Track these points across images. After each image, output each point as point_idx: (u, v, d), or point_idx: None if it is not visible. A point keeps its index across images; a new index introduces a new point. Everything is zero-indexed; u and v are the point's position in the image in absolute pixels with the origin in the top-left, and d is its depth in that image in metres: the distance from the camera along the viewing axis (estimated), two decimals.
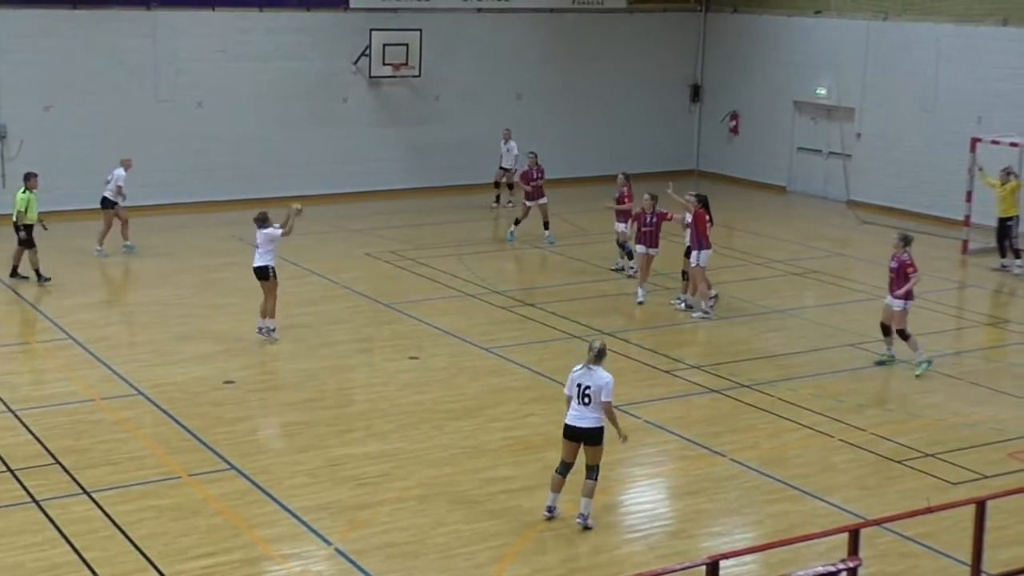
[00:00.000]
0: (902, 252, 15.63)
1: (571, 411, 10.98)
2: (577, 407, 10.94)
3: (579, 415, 10.92)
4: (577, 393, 10.93)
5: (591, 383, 10.86)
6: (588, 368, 10.92)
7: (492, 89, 27.96)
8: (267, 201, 25.49)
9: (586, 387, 10.88)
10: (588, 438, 10.96)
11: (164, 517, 11.17)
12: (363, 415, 13.99)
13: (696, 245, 17.81)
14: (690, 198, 18.03)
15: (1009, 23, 23.85)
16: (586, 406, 10.89)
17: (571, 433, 11.00)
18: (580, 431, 10.92)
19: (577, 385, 10.93)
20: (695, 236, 17.83)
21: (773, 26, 28.48)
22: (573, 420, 10.96)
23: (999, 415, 14.19)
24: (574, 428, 10.95)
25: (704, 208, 17.88)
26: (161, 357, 15.89)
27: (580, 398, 10.92)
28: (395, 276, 20.44)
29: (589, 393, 10.86)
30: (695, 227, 17.82)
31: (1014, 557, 10.36)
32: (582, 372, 10.94)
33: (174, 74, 24.94)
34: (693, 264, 17.90)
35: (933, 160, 24.97)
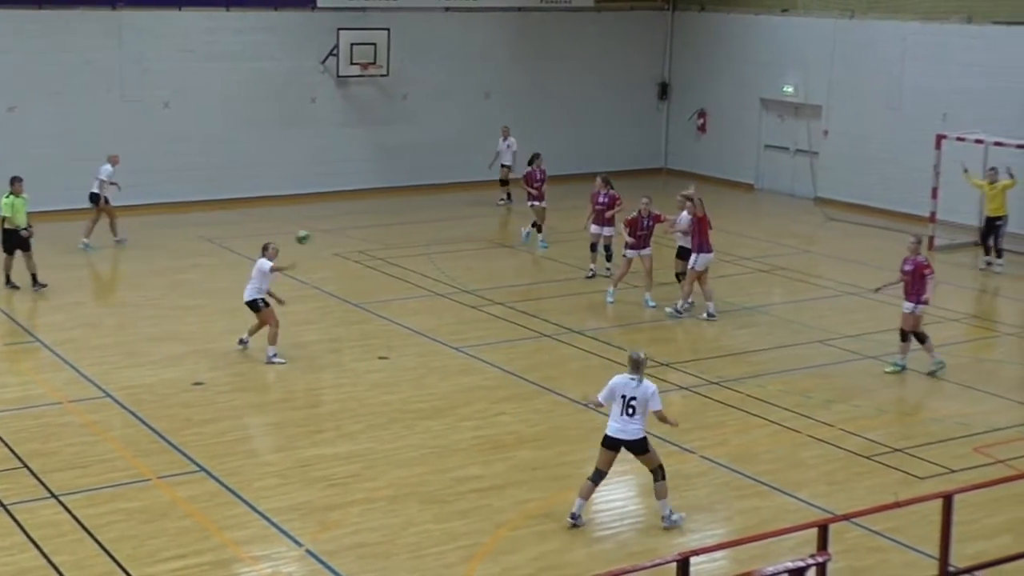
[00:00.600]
0: (917, 254, 15.44)
1: (613, 422, 10.92)
2: (620, 418, 10.88)
3: (621, 427, 10.87)
4: (622, 404, 10.85)
5: (637, 395, 10.82)
6: (632, 379, 10.89)
7: (460, 88, 27.95)
8: (235, 201, 25.50)
9: (631, 399, 10.83)
10: (634, 449, 10.97)
11: (133, 520, 11.11)
12: (333, 416, 13.96)
13: (696, 248, 17.58)
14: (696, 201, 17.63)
15: (973, 21, 24.05)
16: (630, 417, 10.85)
17: (613, 443, 10.97)
18: (623, 443, 10.90)
19: (622, 397, 10.86)
20: (696, 239, 17.60)
21: (740, 24, 28.60)
22: (616, 432, 10.90)
23: (965, 410, 14.31)
24: (617, 440, 10.91)
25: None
26: (130, 359, 15.80)
27: (624, 409, 10.84)
28: (364, 276, 20.40)
29: (634, 404, 10.83)
30: (698, 230, 17.56)
31: (981, 551, 10.45)
32: (626, 383, 10.89)
33: (140, 74, 24.81)
34: (691, 266, 17.65)
35: (899, 157, 25.14)
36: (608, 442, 11.00)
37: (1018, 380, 15.57)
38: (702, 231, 17.61)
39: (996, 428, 13.74)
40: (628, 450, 10.99)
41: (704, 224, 17.63)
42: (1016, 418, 14.16)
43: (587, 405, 11.92)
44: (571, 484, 12.08)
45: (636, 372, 10.92)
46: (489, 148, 26.56)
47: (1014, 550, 10.05)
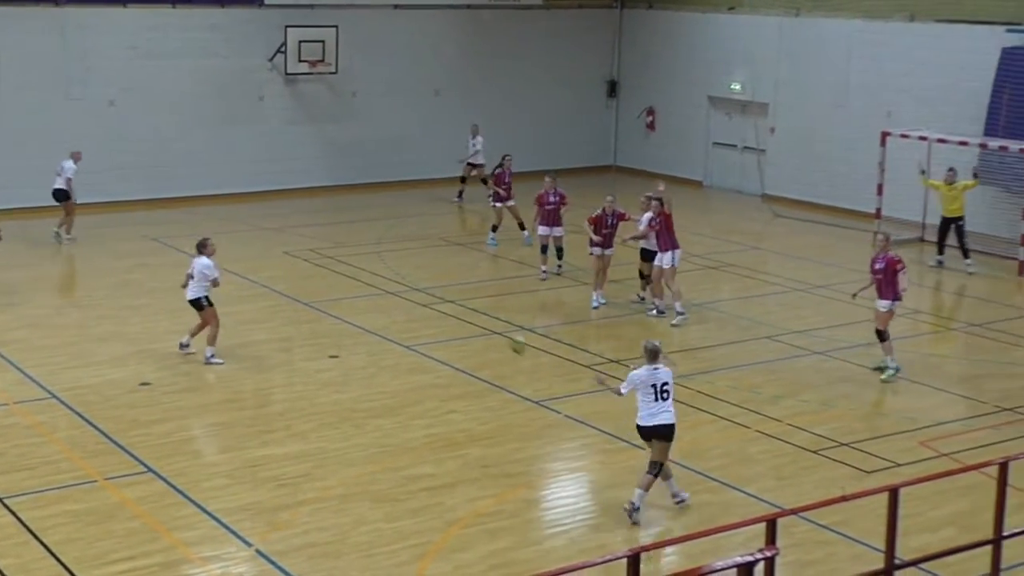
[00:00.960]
0: (887, 251, 15.30)
1: (651, 409, 11.18)
2: (655, 404, 11.16)
3: (659, 411, 11.16)
4: (655, 392, 11.15)
5: (668, 380, 11.21)
6: (655, 368, 11.18)
7: (410, 86, 27.88)
8: (182, 200, 25.27)
9: (664, 383, 11.17)
10: (664, 433, 11.22)
11: (80, 522, 10.99)
12: (282, 415, 13.88)
13: (669, 246, 17.49)
14: (655, 202, 17.61)
15: (916, 19, 24.34)
16: (665, 401, 11.19)
17: (650, 432, 11.24)
18: (657, 428, 11.18)
19: (653, 386, 11.15)
20: (665, 238, 17.54)
21: (688, 22, 28.76)
22: (652, 418, 11.17)
23: (911, 404, 14.49)
24: (651, 427, 11.19)
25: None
26: (75, 360, 15.63)
27: (659, 395, 11.16)
28: (314, 275, 20.30)
29: (668, 388, 11.19)
30: (664, 228, 17.52)
31: (926, 543, 10.59)
32: (652, 373, 11.17)
33: (85, 72, 24.54)
34: (667, 265, 17.48)
35: (845, 154, 25.40)
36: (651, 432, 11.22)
37: (963, 375, 15.79)
38: (670, 227, 17.56)
39: (941, 422, 13.92)
40: (660, 435, 11.19)
41: (671, 222, 17.57)
42: (960, 412, 14.37)
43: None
44: (522, 482, 12.11)
45: (655, 360, 11.23)
46: (440, 146, 26.54)
47: (958, 542, 10.19)
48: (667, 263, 17.52)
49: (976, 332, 17.66)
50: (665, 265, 17.56)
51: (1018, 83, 22.22)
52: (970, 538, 10.21)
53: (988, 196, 22.77)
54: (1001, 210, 22.48)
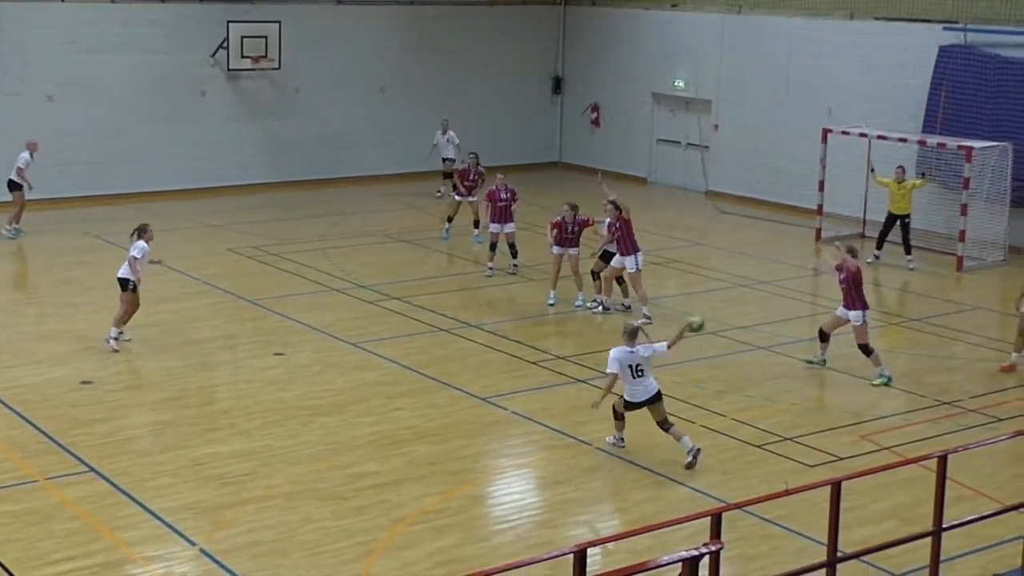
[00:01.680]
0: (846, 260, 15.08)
1: (633, 387, 12.24)
2: (633, 381, 12.19)
3: (643, 386, 12.22)
4: (631, 371, 12.14)
5: (641, 362, 12.15)
6: (631, 350, 12.13)
7: (354, 82, 27.77)
8: (123, 197, 24.98)
9: (637, 365, 12.14)
10: (655, 400, 12.29)
11: (20, 522, 10.84)
12: (227, 413, 13.78)
13: (630, 250, 17.45)
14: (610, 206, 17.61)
15: (855, 17, 24.62)
16: (642, 377, 12.19)
17: (639, 405, 12.31)
18: (648, 400, 12.27)
19: (629, 367, 12.13)
20: (626, 242, 17.48)
21: (631, 19, 28.88)
22: (640, 395, 12.26)
23: (852, 399, 14.66)
24: (642, 401, 12.27)
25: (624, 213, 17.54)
26: (14, 358, 15.40)
27: (635, 373, 12.15)
28: (258, 272, 20.16)
29: (642, 368, 12.17)
30: (625, 233, 17.49)
31: (868, 536, 10.72)
32: (628, 354, 12.14)
33: (22, 66, 24.18)
34: (631, 270, 17.47)
35: (787, 150, 25.65)
36: (634, 406, 12.33)
37: (903, 369, 15.97)
38: (630, 232, 17.55)
39: (882, 416, 14.11)
40: (649, 404, 12.27)
41: (630, 226, 17.55)
42: (900, 406, 14.56)
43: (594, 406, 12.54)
44: (468, 479, 12.12)
45: (632, 341, 12.12)
46: (384, 142, 26.46)
47: (899, 534, 10.33)
48: (631, 267, 17.50)
49: (915, 327, 17.91)
50: (630, 269, 17.52)
51: (955, 80, 22.56)
52: (911, 530, 10.35)
53: (927, 193, 23.10)
54: (939, 206, 22.80)
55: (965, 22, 22.69)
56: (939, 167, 22.69)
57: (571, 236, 18.18)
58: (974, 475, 12.18)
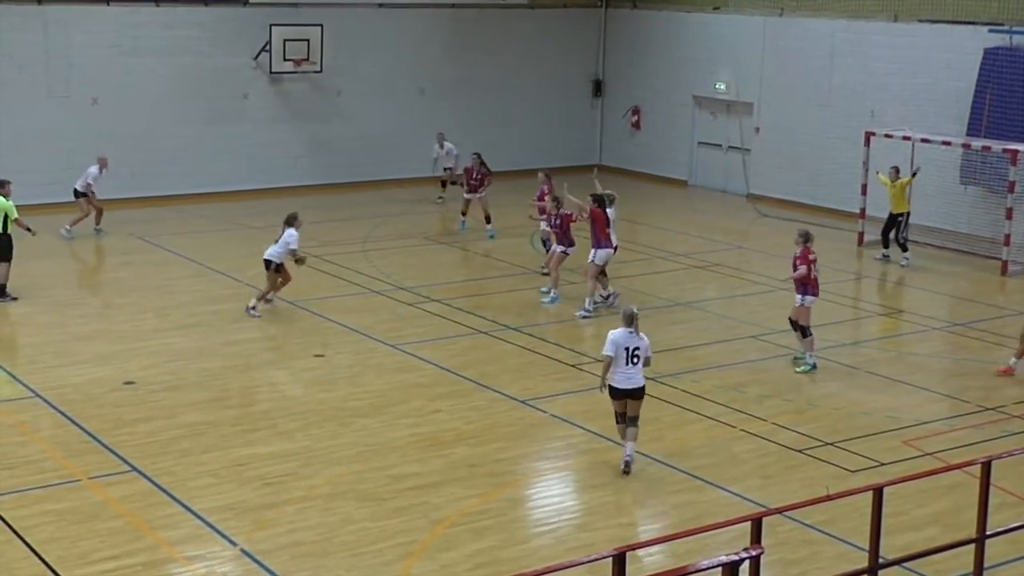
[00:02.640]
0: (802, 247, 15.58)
1: (621, 374, 12.05)
2: (625, 368, 12.03)
3: (628, 376, 12.05)
4: (626, 355, 11.98)
5: (639, 344, 12.02)
6: (631, 332, 11.99)
7: (395, 84, 27.86)
8: (167, 199, 25.18)
9: (635, 348, 12.00)
10: (638, 394, 12.14)
11: (63, 521, 10.95)
12: (268, 414, 13.85)
13: (594, 243, 17.71)
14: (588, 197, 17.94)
15: (899, 19, 24.42)
16: (635, 366, 12.04)
17: (623, 393, 12.14)
18: (631, 391, 12.10)
19: (626, 348, 11.98)
20: (593, 234, 17.76)
21: (672, 22, 28.80)
22: (626, 382, 12.07)
23: (894, 403, 14.54)
24: (626, 389, 12.09)
25: (600, 207, 17.75)
26: (59, 358, 15.57)
27: (630, 359, 12.01)
28: (300, 273, 20.23)
29: (638, 354, 12.02)
30: (593, 225, 17.73)
31: (910, 542, 10.63)
32: (628, 336, 12.00)
33: (67, 70, 24.44)
34: (588, 260, 17.82)
35: (829, 153, 25.48)
36: (620, 393, 12.14)
37: (944, 373, 15.85)
38: (598, 226, 17.70)
39: (924, 421, 13.98)
40: (631, 396, 12.13)
41: (599, 219, 17.67)
42: (942, 411, 14.42)
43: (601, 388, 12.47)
44: (508, 481, 12.12)
45: (631, 325, 11.99)
46: (424, 144, 26.50)
47: (941, 541, 10.24)
48: (591, 256, 17.86)
49: (959, 331, 17.73)
50: (590, 258, 17.88)
51: (1000, 83, 22.33)
52: (953, 537, 10.27)
53: (971, 196, 22.90)
54: (983, 210, 22.58)
55: (1011, 24, 22.45)
56: (983, 170, 22.45)
57: (557, 231, 18.54)
58: (1018, 481, 12.04)
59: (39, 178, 23.27)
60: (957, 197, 22.99)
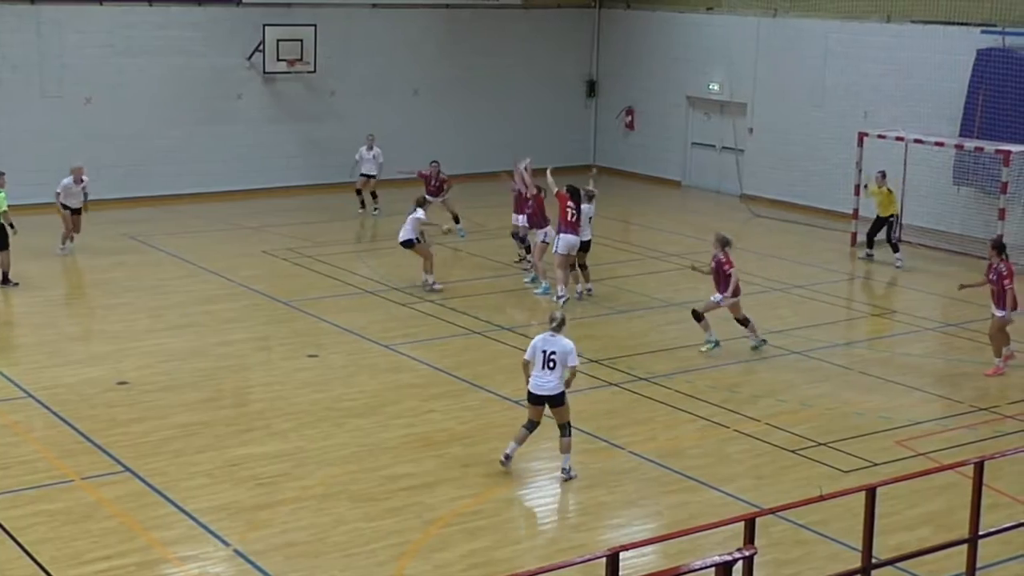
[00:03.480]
0: (719, 252, 15.95)
1: (535, 378, 11.86)
2: (541, 372, 11.81)
3: (543, 381, 11.81)
4: (543, 359, 11.77)
5: (556, 349, 11.75)
6: (551, 336, 11.81)
7: (389, 85, 27.85)
8: (160, 199, 25.16)
9: (551, 352, 11.75)
10: (552, 401, 11.89)
11: (56, 521, 10.93)
12: (261, 414, 13.85)
13: (556, 229, 18.18)
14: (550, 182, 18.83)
15: (892, 20, 24.46)
16: (551, 371, 11.77)
17: (537, 399, 11.93)
18: (545, 397, 11.86)
19: (543, 352, 11.77)
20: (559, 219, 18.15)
21: (666, 22, 28.83)
22: (538, 388, 11.86)
23: (887, 404, 14.56)
24: (539, 395, 11.87)
25: (570, 196, 18.09)
26: (51, 359, 15.54)
27: (545, 363, 11.77)
28: (293, 274, 20.26)
29: (554, 359, 11.75)
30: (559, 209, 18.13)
31: (903, 542, 10.66)
32: (546, 339, 11.83)
33: (60, 70, 24.40)
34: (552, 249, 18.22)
35: (822, 154, 25.51)
36: (532, 398, 11.95)
37: (937, 374, 15.88)
38: (560, 211, 18.09)
39: (917, 422, 14.00)
40: (547, 402, 11.90)
41: (562, 203, 18.03)
42: (936, 411, 14.45)
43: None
44: (502, 481, 12.12)
45: (558, 330, 11.86)
46: (421, 144, 26.49)
47: (934, 541, 10.26)
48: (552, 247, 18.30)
49: (952, 332, 17.76)
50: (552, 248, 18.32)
51: (993, 84, 22.36)
52: (946, 537, 10.29)
53: (963, 197, 22.94)
54: (976, 211, 22.63)
55: (1003, 25, 22.49)
56: (976, 171, 22.49)
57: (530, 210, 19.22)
58: (1011, 482, 12.07)
59: (32, 178, 23.20)
60: (950, 198, 23.04)
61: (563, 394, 11.88)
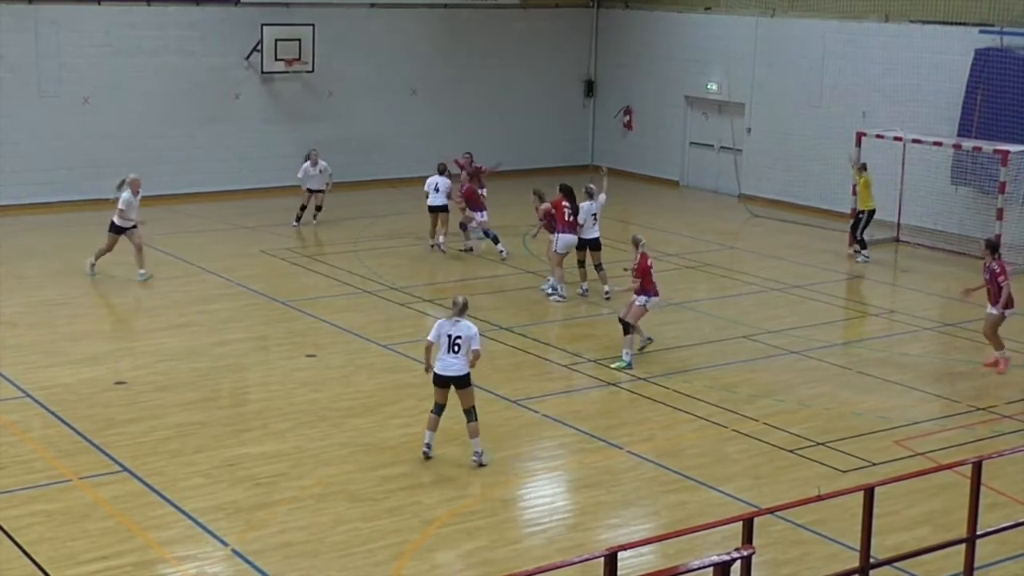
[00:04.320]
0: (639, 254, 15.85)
1: (441, 361, 12.14)
2: (446, 356, 12.11)
3: (448, 364, 12.11)
4: (448, 343, 12.08)
5: (462, 333, 12.07)
6: (455, 321, 12.11)
7: (387, 84, 27.85)
8: (158, 199, 25.13)
9: (456, 337, 12.07)
10: (458, 382, 12.18)
11: (53, 521, 10.93)
12: (259, 414, 13.84)
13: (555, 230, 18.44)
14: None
15: (890, 20, 24.46)
16: (455, 354, 12.08)
17: (443, 381, 12.20)
18: (451, 378, 12.14)
19: (447, 336, 12.09)
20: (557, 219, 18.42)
21: (664, 22, 28.82)
22: (444, 369, 12.15)
23: (886, 403, 14.56)
24: (446, 376, 12.15)
25: (565, 196, 18.35)
26: (49, 359, 15.53)
27: (450, 347, 12.09)
28: (291, 273, 20.25)
29: (459, 343, 12.06)
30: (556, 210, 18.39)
31: (901, 542, 10.65)
32: (450, 324, 12.11)
33: (58, 69, 24.38)
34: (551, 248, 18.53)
35: (820, 154, 25.50)
36: (439, 380, 12.22)
37: (935, 374, 15.88)
38: (557, 214, 18.37)
39: (915, 421, 14.01)
40: (453, 384, 12.19)
41: (559, 207, 18.34)
42: (934, 411, 14.45)
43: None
44: (499, 481, 12.12)
45: (460, 315, 12.16)
46: (418, 144, 26.49)
47: (932, 541, 10.26)
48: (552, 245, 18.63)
49: (950, 332, 17.77)
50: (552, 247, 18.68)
51: (991, 84, 22.36)
52: (944, 537, 10.29)
53: (962, 197, 22.94)
54: (974, 211, 22.63)
55: (1002, 25, 22.49)
56: (974, 171, 22.49)
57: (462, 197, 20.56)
58: (1009, 481, 12.08)
59: (31, 177, 23.22)
60: (948, 198, 23.04)
61: (469, 376, 12.18)
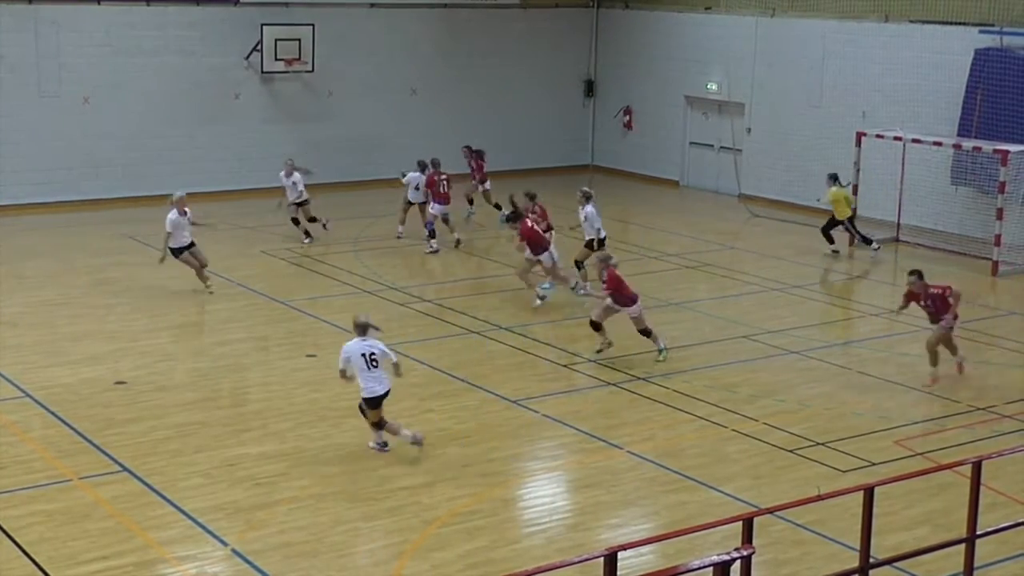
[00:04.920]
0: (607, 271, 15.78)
1: (368, 382, 12.31)
2: (370, 373, 12.30)
3: (377, 380, 12.35)
4: (365, 362, 12.26)
5: (375, 349, 12.38)
6: (364, 341, 12.37)
7: (386, 84, 27.85)
8: (158, 198, 25.12)
9: (371, 353, 12.33)
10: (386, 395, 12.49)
11: (53, 521, 10.93)
12: (259, 414, 13.84)
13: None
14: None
15: (890, 20, 24.46)
16: (376, 368, 12.33)
17: (379, 401, 12.43)
18: (386, 395, 12.42)
19: (362, 355, 12.27)
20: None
21: (664, 22, 28.82)
22: (376, 390, 12.35)
23: (885, 403, 14.56)
24: (382, 395, 12.41)
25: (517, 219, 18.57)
26: (49, 359, 15.53)
27: (369, 365, 12.28)
28: (291, 274, 20.25)
29: (375, 358, 12.35)
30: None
31: (901, 542, 10.65)
32: (359, 343, 12.35)
33: (58, 69, 24.38)
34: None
35: (821, 154, 25.49)
36: (373, 402, 12.42)
37: (935, 374, 15.86)
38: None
39: (915, 421, 14.01)
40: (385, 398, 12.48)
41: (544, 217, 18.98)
42: (934, 411, 14.46)
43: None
44: (499, 481, 12.13)
45: (364, 334, 12.43)
46: (417, 144, 26.47)
47: (932, 541, 10.26)
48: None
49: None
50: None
51: (990, 84, 22.37)
52: (944, 537, 10.30)
53: (961, 197, 22.94)
54: (974, 210, 22.63)
55: (1001, 25, 22.50)
56: (974, 171, 22.50)
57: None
58: (1009, 481, 12.08)
59: (30, 177, 23.22)
60: (948, 198, 23.04)
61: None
